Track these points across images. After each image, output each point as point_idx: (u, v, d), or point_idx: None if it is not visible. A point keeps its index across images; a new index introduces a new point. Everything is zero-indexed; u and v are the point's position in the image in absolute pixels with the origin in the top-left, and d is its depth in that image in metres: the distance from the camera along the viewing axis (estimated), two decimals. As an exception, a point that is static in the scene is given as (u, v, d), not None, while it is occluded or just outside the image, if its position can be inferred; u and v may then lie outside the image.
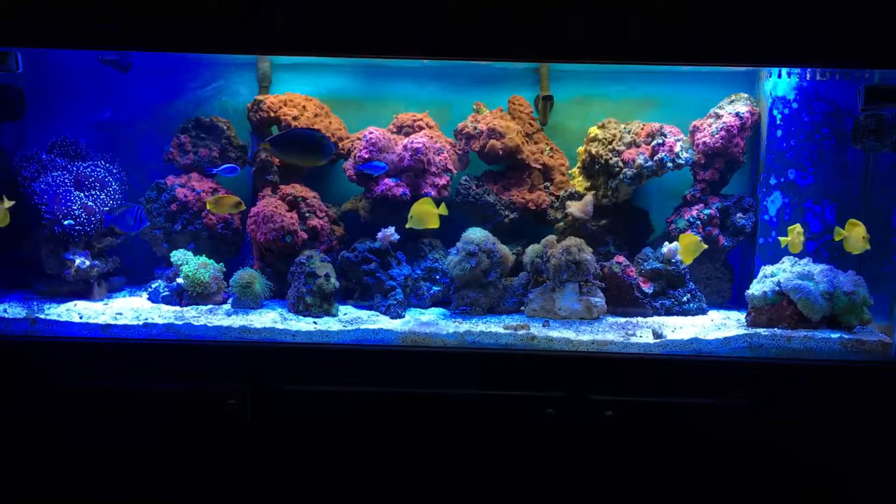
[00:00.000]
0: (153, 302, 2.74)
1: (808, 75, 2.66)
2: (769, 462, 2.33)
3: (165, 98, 2.96)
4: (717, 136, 2.72)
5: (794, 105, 2.70)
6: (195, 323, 2.47)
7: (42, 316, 2.48)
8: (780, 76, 2.69)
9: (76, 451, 2.39)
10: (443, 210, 2.63)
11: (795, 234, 2.53)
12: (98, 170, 2.74)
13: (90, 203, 2.67)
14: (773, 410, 2.29)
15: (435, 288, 2.79)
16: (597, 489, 2.38)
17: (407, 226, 2.64)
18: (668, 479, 2.36)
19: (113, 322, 2.46)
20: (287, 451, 2.37)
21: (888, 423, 2.29)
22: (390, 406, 2.34)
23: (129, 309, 2.63)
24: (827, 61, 2.33)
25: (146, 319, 2.49)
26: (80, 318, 2.50)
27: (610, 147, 2.79)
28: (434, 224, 2.64)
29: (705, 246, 2.61)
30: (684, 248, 2.61)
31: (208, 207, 2.68)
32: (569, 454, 2.34)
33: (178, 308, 2.68)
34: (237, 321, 2.50)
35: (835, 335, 2.41)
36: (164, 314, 2.58)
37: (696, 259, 2.76)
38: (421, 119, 2.89)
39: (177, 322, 2.47)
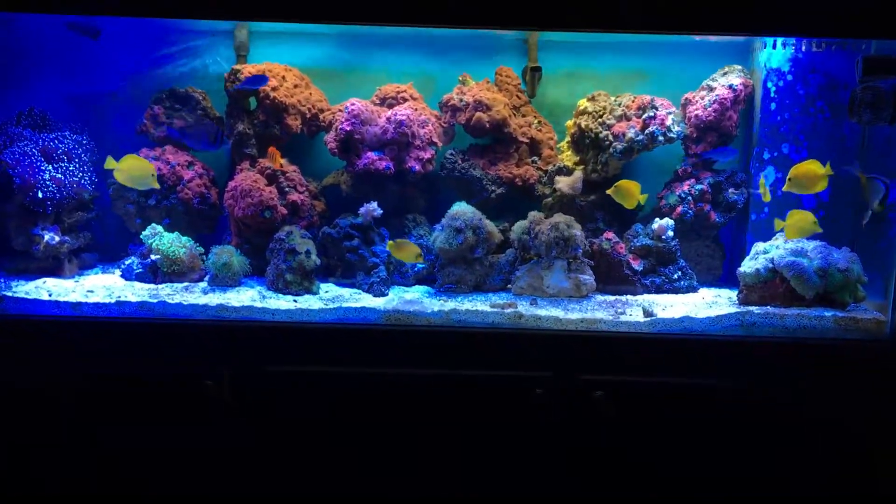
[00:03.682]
0: (126, 279, 2.66)
1: (804, 46, 2.62)
2: (762, 443, 2.30)
3: (139, 67, 2.87)
4: (709, 108, 2.67)
5: (789, 77, 2.65)
6: (170, 301, 2.39)
7: (9, 294, 2.39)
8: (774, 47, 2.65)
9: (45, 434, 2.32)
10: (643, 199, 2.61)
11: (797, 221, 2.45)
12: (66, 141, 2.63)
13: (59, 175, 2.56)
14: (767, 390, 2.26)
15: (419, 265, 2.73)
16: (586, 472, 2.34)
17: (608, 191, 2.60)
18: (659, 461, 2.33)
19: (84, 300, 2.38)
20: (267, 433, 2.32)
21: (883, 402, 2.26)
22: (373, 387, 2.29)
23: (101, 286, 2.55)
24: (823, 31, 2.31)
25: (119, 297, 2.41)
26: (50, 295, 2.41)
27: (600, 120, 2.74)
28: (632, 204, 2.61)
29: (819, 229, 2.45)
30: (794, 225, 2.46)
31: (388, 249, 2.55)
32: (558, 436, 2.30)
33: (152, 286, 2.59)
34: (214, 299, 2.43)
35: (829, 313, 2.38)
36: (137, 292, 2.50)
37: (686, 235, 2.75)
38: (405, 90, 2.82)
39: (151, 300, 2.39)
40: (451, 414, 2.30)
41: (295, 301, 2.46)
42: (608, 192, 2.59)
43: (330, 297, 2.52)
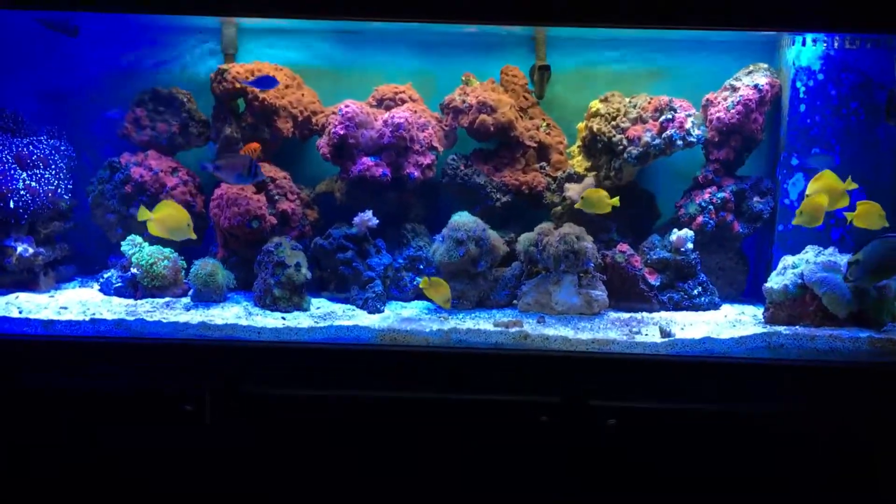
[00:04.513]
0: (105, 294, 2.56)
1: (836, 43, 2.53)
2: (791, 476, 2.16)
3: (120, 66, 2.79)
4: (732, 110, 2.57)
5: (820, 76, 2.55)
6: (148, 319, 2.28)
7: (-25, 310, 2.25)
8: (803, 44, 2.55)
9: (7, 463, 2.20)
10: (616, 202, 2.46)
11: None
12: (42, 146, 2.52)
13: (33, 183, 2.43)
14: (794, 418, 2.14)
15: (419, 279, 2.62)
16: (596, 506, 2.21)
17: (577, 206, 2.48)
18: (678, 495, 2.19)
19: (56, 318, 2.26)
20: (250, 462, 2.19)
21: None
22: (366, 413, 2.18)
23: (76, 302, 2.44)
24: (857, 26, 2.20)
25: (93, 314, 2.30)
26: (20, 312, 2.29)
27: (613, 123, 2.64)
28: (606, 209, 2.47)
29: (886, 223, 2.32)
30: (862, 216, 2.32)
31: (422, 286, 2.43)
32: (566, 468, 2.17)
33: (131, 301, 2.49)
34: (196, 316, 2.32)
35: (863, 334, 2.25)
36: (114, 308, 2.39)
37: (706, 247, 2.67)
38: (403, 91, 2.72)
39: (128, 318, 2.28)
40: (450, 442, 2.18)
41: (283, 318, 2.35)
42: (577, 206, 2.48)
43: (321, 314, 2.41)
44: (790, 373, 2.16)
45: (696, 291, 2.58)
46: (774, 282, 2.39)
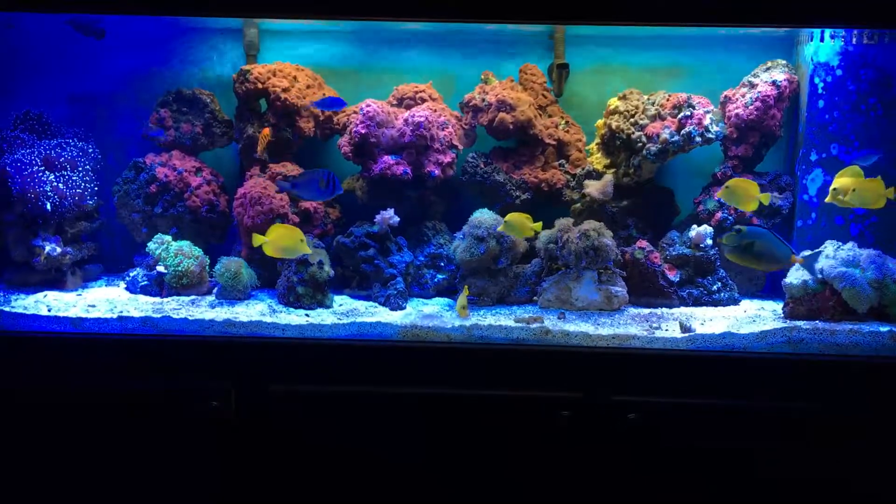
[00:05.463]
0: (131, 292, 2.58)
1: (855, 38, 2.51)
2: (812, 472, 2.15)
3: (144, 67, 2.81)
4: (751, 107, 2.56)
5: (838, 72, 2.53)
6: (175, 316, 2.29)
7: (7, 308, 2.30)
8: (822, 39, 2.54)
9: (40, 458, 2.22)
10: (538, 226, 2.45)
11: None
12: (70, 149, 2.54)
13: (61, 185, 2.46)
14: (816, 413, 2.12)
15: (439, 276, 2.62)
16: (617, 502, 2.19)
17: (499, 229, 2.45)
18: (698, 491, 2.19)
19: (85, 315, 2.29)
20: (275, 456, 2.21)
21: None
22: (389, 408, 2.18)
23: (103, 300, 2.46)
24: (876, 21, 2.17)
25: (121, 312, 2.32)
26: (49, 310, 2.32)
27: (632, 120, 2.63)
28: (528, 234, 2.45)
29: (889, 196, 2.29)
30: (861, 190, 2.28)
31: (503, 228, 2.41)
32: (587, 462, 2.18)
33: (157, 299, 2.50)
34: (221, 314, 2.33)
35: (884, 328, 2.23)
36: (141, 306, 2.41)
37: None
38: (423, 90, 2.73)
39: (154, 315, 2.29)
40: (473, 438, 2.19)
41: (307, 315, 2.36)
42: (500, 229, 2.43)
43: (344, 311, 2.42)
44: (811, 367, 2.15)
45: (715, 287, 2.57)
46: (794, 277, 2.38)
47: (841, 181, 2.27)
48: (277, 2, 2.15)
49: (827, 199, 2.31)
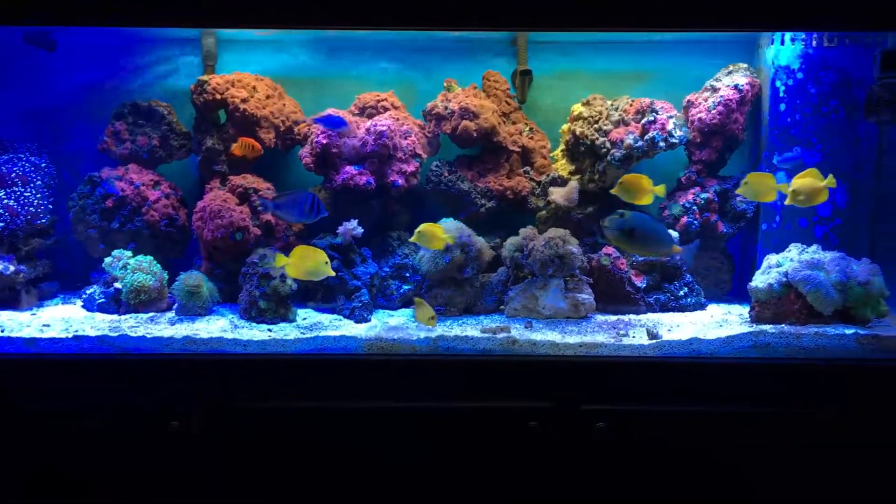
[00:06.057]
0: (88, 310, 2.51)
1: (815, 41, 2.53)
2: (780, 475, 2.14)
3: (99, 80, 2.76)
4: (713, 111, 2.57)
5: (799, 75, 2.55)
6: (132, 334, 2.23)
7: (-44, 330, 2.21)
8: (782, 43, 2.55)
9: None
10: (451, 239, 2.41)
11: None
12: (22, 164, 2.48)
13: (12, 202, 2.39)
14: (784, 417, 2.12)
15: (405, 287, 2.59)
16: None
17: (411, 239, 2.41)
18: (668, 497, 2.17)
19: (39, 335, 2.22)
20: (240, 477, 2.16)
21: None
22: (355, 423, 2.14)
23: (59, 319, 2.39)
24: (836, 24, 2.20)
25: (77, 331, 2.26)
26: (2, 331, 2.25)
27: (596, 126, 2.63)
28: (440, 246, 2.40)
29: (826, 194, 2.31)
30: (801, 187, 2.30)
31: (416, 306, 2.35)
32: (557, 473, 2.15)
33: (115, 317, 2.44)
34: (181, 330, 2.28)
35: (849, 331, 2.25)
36: (98, 324, 2.35)
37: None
38: (385, 99, 2.70)
39: (111, 334, 2.23)
40: (440, 450, 2.15)
41: (269, 330, 2.31)
42: (412, 239, 2.39)
43: (308, 325, 2.38)
44: (777, 371, 2.14)
45: (682, 292, 2.57)
46: (759, 281, 2.38)
47: (798, 182, 2.28)
48: (235, 12, 2.10)
49: (787, 202, 2.32)
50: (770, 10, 2.06)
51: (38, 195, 2.48)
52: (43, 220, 2.51)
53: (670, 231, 2.55)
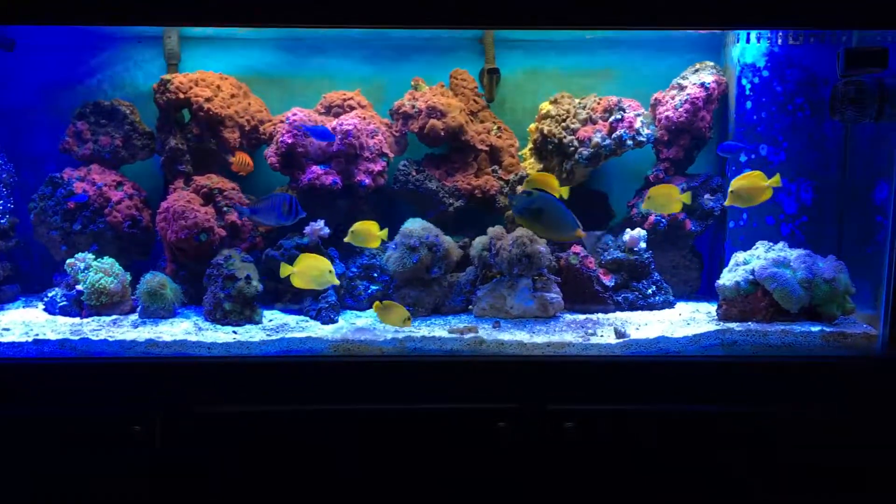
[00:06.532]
0: (50, 313, 2.47)
1: (780, 39, 2.52)
2: (747, 472, 2.14)
3: (60, 79, 2.70)
4: (680, 109, 2.56)
5: (765, 73, 2.55)
6: (94, 338, 2.20)
7: (-87, 335, 2.16)
8: (748, 41, 2.55)
9: None
10: (384, 234, 2.40)
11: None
12: None
13: (-30, 203, 2.34)
14: (750, 414, 2.12)
15: (373, 287, 2.57)
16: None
17: (346, 240, 2.41)
18: (636, 496, 2.16)
19: None
20: (203, 484, 2.12)
21: (874, 424, 2.12)
22: (321, 426, 2.11)
23: (19, 323, 2.35)
24: (799, 22, 2.18)
25: (37, 335, 2.21)
26: None
27: (563, 125, 2.62)
28: (375, 244, 2.41)
29: (679, 207, 2.40)
30: (655, 201, 2.39)
31: (375, 311, 2.30)
32: (525, 473, 2.13)
33: (77, 320, 2.40)
34: (144, 333, 2.25)
35: (815, 328, 2.26)
36: (59, 328, 2.31)
37: (660, 246, 2.66)
38: (352, 98, 2.67)
39: (73, 337, 2.19)
40: (408, 453, 2.13)
41: (234, 332, 2.28)
42: (346, 240, 2.39)
43: (274, 327, 2.35)
44: (743, 369, 2.14)
45: (650, 291, 2.56)
46: (726, 279, 2.38)
47: (738, 183, 2.30)
48: (198, 10, 2.05)
49: (727, 203, 2.34)
50: (733, 7, 2.04)
51: (-3, 195, 2.44)
52: (2, 221, 2.46)
53: (638, 230, 2.56)
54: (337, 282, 2.32)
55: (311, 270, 2.30)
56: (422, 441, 2.12)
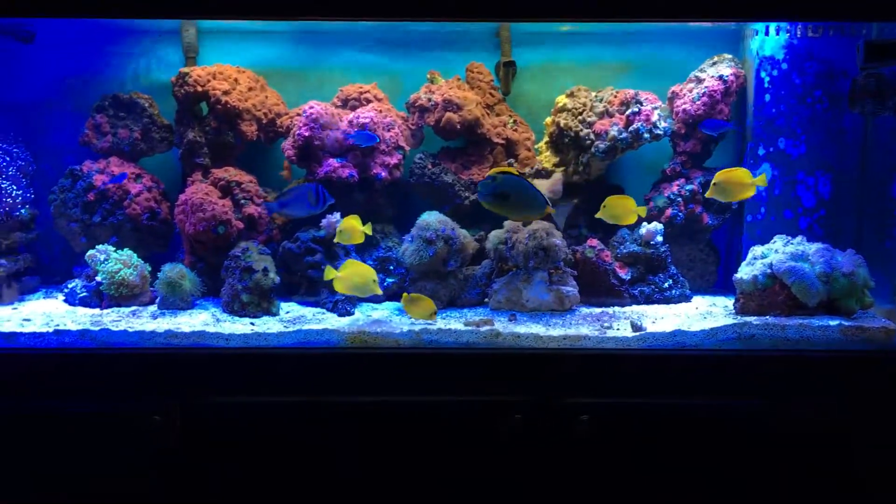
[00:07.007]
0: (70, 304, 2.49)
1: (799, 31, 2.49)
2: (766, 467, 2.14)
3: (79, 72, 2.71)
4: (698, 102, 2.55)
5: (784, 66, 2.52)
6: (114, 328, 2.21)
7: (-64, 325, 2.20)
8: (767, 33, 2.51)
9: None
10: (368, 229, 2.39)
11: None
12: None
13: (-9, 194, 2.37)
14: (768, 409, 2.12)
15: (389, 280, 2.57)
16: (572, 505, 2.16)
17: (335, 240, 2.42)
18: (653, 490, 2.16)
19: (19, 329, 2.20)
20: (222, 472, 2.15)
21: (893, 418, 2.10)
22: (337, 417, 2.13)
23: (40, 313, 2.37)
24: (820, 14, 2.16)
25: (58, 325, 2.24)
26: None
27: (580, 118, 2.60)
28: (360, 240, 2.40)
29: (634, 219, 2.41)
30: (609, 212, 2.40)
31: (402, 303, 2.33)
32: (541, 466, 2.14)
33: (97, 311, 2.42)
34: (163, 324, 2.26)
35: (833, 322, 2.23)
36: (79, 318, 2.33)
37: (676, 240, 2.65)
38: (368, 91, 2.67)
39: (93, 328, 2.21)
40: (424, 445, 2.14)
41: (252, 324, 2.29)
42: (336, 240, 2.40)
43: (291, 319, 2.36)
44: (761, 363, 2.13)
45: (666, 284, 2.55)
46: (744, 272, 2.36)
47: (722, 177, 2.30)
48: (216, 3, 2.07)
49: (707, 195, 2.34)
50: (756, 0, 2.05)
51: (15, 186, 2.45)
52: (21, 211, 2.48)
53: (654, 224, 2.56)
54: (381, 292, 2.32)
55: (355, 277, 2.30)
56: (438, 433, 2.12)
